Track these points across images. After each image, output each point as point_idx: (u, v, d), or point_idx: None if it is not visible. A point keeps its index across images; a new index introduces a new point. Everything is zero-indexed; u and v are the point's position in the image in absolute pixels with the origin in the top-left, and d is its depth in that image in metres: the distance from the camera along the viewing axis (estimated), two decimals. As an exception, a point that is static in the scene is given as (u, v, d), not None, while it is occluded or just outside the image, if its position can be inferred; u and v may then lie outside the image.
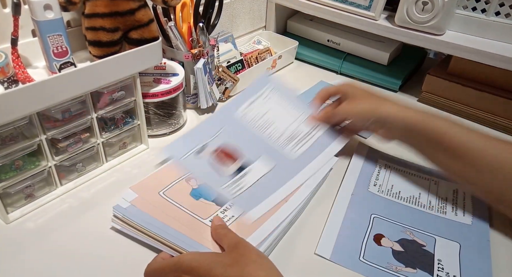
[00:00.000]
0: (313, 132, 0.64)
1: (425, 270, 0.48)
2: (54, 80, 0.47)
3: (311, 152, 0.61)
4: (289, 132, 0.63)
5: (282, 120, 0.64)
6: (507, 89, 0.75)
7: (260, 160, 0.58)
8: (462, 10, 0.75)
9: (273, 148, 0.61)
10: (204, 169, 0.57)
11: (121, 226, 0.50)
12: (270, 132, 0.63)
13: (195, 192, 0.54)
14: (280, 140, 0.62)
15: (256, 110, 0.65)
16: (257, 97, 0.66)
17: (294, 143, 0.62)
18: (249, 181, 0.56)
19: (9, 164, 0.49)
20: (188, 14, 0.69)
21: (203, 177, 0.55)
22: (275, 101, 0.66)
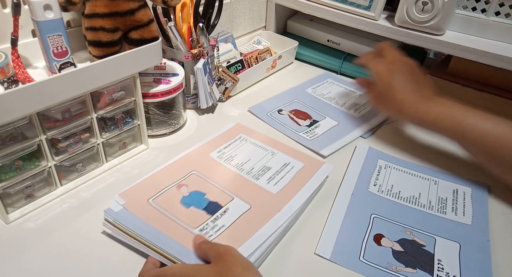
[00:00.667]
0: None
1: (425, 270, 0.48)
2: (54, 80, 0.47)
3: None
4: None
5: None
6: (507, 89, 0.75)
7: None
8: (462, 10, 0.75)
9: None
10: (286, 121, 0.70)
11: (112, 230, 0.49)
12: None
13: (185, 199, 0.53)
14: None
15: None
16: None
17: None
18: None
19: (9, 164, 0.49)
20: (188, 14, 0.69)
21: (285, 127, 0.66)
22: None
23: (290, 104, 0.80)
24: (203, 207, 0.52)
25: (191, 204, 0.52)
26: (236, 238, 0.48)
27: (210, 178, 0.57)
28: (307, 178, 0.58)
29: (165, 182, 0.55)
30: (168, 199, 0.53)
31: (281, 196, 0.55)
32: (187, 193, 0.54)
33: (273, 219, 0.51)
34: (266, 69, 0.88)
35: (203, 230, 0.49)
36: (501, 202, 0.59)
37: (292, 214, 0.52)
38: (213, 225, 0.50)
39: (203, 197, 0.54)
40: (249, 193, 0.55)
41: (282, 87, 0.85)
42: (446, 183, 0.62)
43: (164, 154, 0.64)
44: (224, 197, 0.54)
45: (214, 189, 0.55)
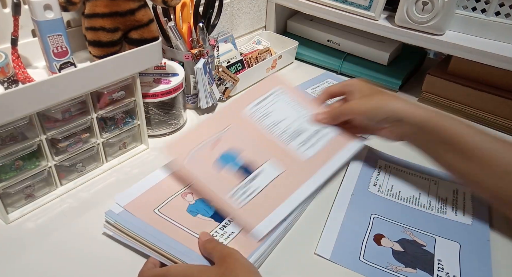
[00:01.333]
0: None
1: (425, 270, 0.48)
2: (54, 80, 0.47)
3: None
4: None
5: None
6: (507, 89, 0.75)
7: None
8: (462, 10, 0.75)
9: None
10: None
11: (113, 232, 0.49)
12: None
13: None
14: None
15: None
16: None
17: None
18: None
19: (9, 164, 0.49)
20: (188, 14, 0.69)
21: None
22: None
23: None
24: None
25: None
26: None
27: (243, 137, 0.58)
28: (339, 147, 0.60)
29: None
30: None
31: (311, 163, 0.56)
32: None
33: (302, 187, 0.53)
34: (266, 69, 0.88)
35: (234, 195, 0.51)
36: (501, 202, 0.59)
37: (321, 183, 0.54)
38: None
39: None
40: (280, 157, 0.57)
41: (282, 87, 0.85)
42: (446, 183, 0.62)
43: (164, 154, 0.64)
44: (256, 160, 0.55)
45: (246, 151, 0.57)
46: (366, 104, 0.57)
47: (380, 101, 0.56)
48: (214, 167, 0.53)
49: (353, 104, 0.59)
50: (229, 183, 0.52)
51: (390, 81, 0.87)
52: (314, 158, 0.57)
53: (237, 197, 0.50)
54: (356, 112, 0.58)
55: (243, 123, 0.60)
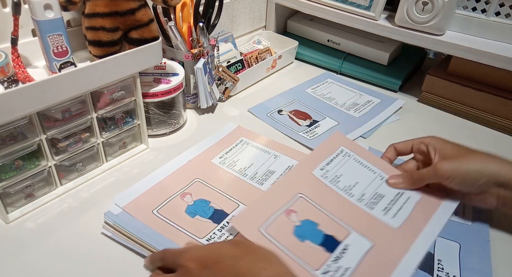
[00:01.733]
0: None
1: (425, 270, 0.48)
2: (54, 80, 0.47)
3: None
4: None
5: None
6: (507, 89, 0.75)
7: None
8: (462, 10, 0.75)
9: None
10: (286, 122, 0.64)
11: (112, 233, 0.49)
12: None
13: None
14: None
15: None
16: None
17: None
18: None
19: (9, 163, 0.49)
20: (188, 14, 0.69)
21: (285, 127, 0.58)
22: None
23: (290, 104, 0.80)
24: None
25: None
26: None
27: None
28: (430, 212, 0.51)
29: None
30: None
31: (404, 230, 0.49)
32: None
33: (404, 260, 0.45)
34: (266, 69, 0.88)
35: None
36: (501, 202, 0.59)
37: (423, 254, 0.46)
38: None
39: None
40: (367, 226, 0.49)
41: (282, 87, 0.85)
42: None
43: (164, 154, 0.64)
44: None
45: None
46: (461, 166, 0.49)
47: (477, 163, 0.49)
48: (295, 238, 0.45)
49: (443, 166, 0.49)
50: (317, 256, 0.44)
51: (390, 81, 0.87)
52: (407, 224, 0.49)
53: (329, 274, 0.42)
54: (447, 175, 0.49)
55: (314, 189, 0.52)
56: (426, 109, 0.82)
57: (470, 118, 0.79)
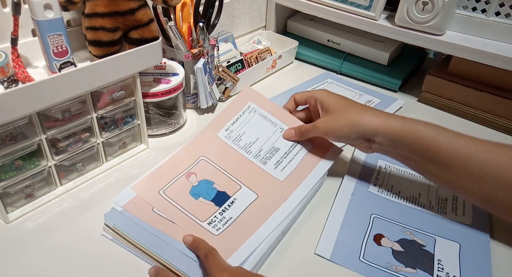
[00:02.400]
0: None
1: (425, 270, 0.48)
2: (54, 80, 0.47)
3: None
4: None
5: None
6: (507, 89, 0.75)
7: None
8: (462, 10, 0.75)
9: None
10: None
11: (112, 236, 0.49)
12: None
13: (194, 190, 0.53)
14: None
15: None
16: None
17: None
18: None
19: (9, 163, 0.49)
20: (188, 14, 0.69)
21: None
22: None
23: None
24: (211, 198, 0.53)
25: (199, 195, 0.53)
26: (241, 232, 0.49)
27: (218, 164, 0.57)
28: (315, 162, 0.58)
29: (175, 171, 0.55)
30: (178, 190, 0.53)
31: (287, 182, 0.55)
32: (196, 182, 0.54)
33: (279, 210, 0.51)
34: (266, 69, 0.88)
35: (211, 223, 0.50)
36: (501, 202, 0.59)
37: (297, 203, 0.52)
38: (221, 218, 0.50)
39: (211, 186, 0.54)
40: (256, 180, 0.55)
41: (282, 87, 0.85)
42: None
43: (164, 154, 0.64)
44: (232, 186, 0.54)
45: (222, 177, 0.56)
46: (335, 124, 0.55)
47: (351, 118, 0.54)
48: (190, 196, 0.52)
49: (321, 123, 0.56)
50: (206, 210, 0.51)
51: (390, 81, 0.87)
52: (291, 176, 0.56)
53: (215, 224, 0.49)
54: (325, 132, 0.55)
55: (216, 150, 0.58)
56: (426, 109, 0.82)
57: (470, 118, 0.79)
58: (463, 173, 0.49)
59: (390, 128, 0.52)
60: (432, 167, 0.51)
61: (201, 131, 0.61)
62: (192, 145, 0.59)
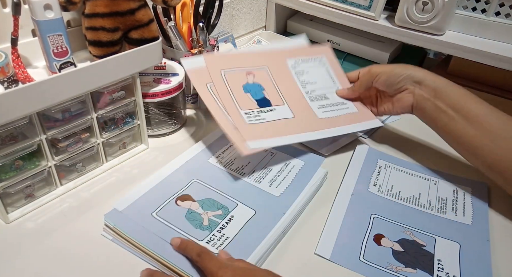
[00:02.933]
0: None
1: (425, 270, 0.48)
2: (54, 80, 0.47)
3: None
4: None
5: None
6: (507, 89, 0.75)
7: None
8: (462, 10, 0.75)
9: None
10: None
11: (112, 236, 0.49)
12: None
13: (247, 86, 0.61)
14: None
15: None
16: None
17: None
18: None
19: (9, 163, 0.49)
20: (188, 14, 0.69)
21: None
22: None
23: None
24: (257, 98, 0.61)
25: (249, 91, 0.61)
26: (271, 131, 0.58)
27: (275, 79, 0.65)
28: (354, 120, 0.65)
29: (241, 64, 0.63)
30: (236, 78, 0.62)
31: (323, 121, 0.63)
32: (252, 80, 0.62)
33: (308, 133, 0.59)
34: (266, 69, 0.88)
35: (247, 113, 0.59)
36: (501, 202, 0.59)
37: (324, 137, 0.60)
38: (257, 113, 0.59)
39: (261, 91, 0.62)
40: (298, 106, 0.63)
41: (282, 87, 0.85)
42: (446, 183, 0.62)
43: (164, 154, 0.64)
44: (277, 99, 0.63)
45: (273, 89, 0.63)
46: (387, 66, 0.63)
47: (400, 65, 0.62)
48: (241, 88, 0.61)
49: (374, 67, 0.64)
50: (248, 104, 0.60)
51: (390, 81, 0.87)
52: (328, 119, 0.63)
53: (249, 116, 0.58)
54: (378, 71, 0.63)
55: (279, 69, 0.66)
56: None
57: (470, 118, 0.79)
58: (489, 133, 0.54)
59: (436, 77, 0.60)
60: (462, 123, 0.56)
61: (273, 49, 0.70)
62: (263, 53, 0.67)
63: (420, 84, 0.60)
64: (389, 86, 0.63)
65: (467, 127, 0.56)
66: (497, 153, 0.54)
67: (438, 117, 0.59)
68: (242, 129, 0.57)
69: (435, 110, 0.59)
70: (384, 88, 0.64)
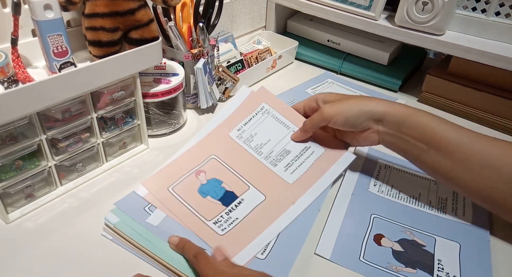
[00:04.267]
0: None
1: (425, 270, 0.48)
2: (54, 80, 0.47)
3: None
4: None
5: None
6: (507, 89, 0.75)
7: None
8: (462, 10, 0.75)
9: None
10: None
11: (112, 235, 0.49)
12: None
13: (202, 188, 0.54)
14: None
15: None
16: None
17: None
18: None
19: (9, 164, 0.49)
20: (188, 14, 0.69)
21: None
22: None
23: (290, 104, 0.79)
24: (219, 197, 0.53)
25: (207, 194, 0.53)
26: (247, 233, 0.49)
27: (228, 163, 0.57)
28: (326, 167, 0.58)
29: (185, 168, 0.56)
30: (187, 187, 0.53)
31: (297, 185, 0.55)
32: (205, 180, 0.54)
33: (286, 213, 0.51)
34: (266, 69, 0.88)
35: (217, 222, 0.50)
36: (501, 202, 0.59)
37: (305, 207, 0.52)
38: (227, 217, 0.50)
39: (220, 185, 0.54)
40: (265, 181, 0.55)
41: (282, 87, 0.85)
42: (446, 183, 0.62)
43: (164, 154, 0.64)
44: (240, 186, 0.55)
45: (231, 176, 0.56)
46: (343, 106, 0.55)
47: (358, 101, 0.55)
48: (199, 194, 0.53)
49: (327, 108, 0.56)
50: (213, 210, 0.52)
51: (390, 81, 0.87)
52: (300, 179, 0.56)
53: (220, 224, 0.50)
54: (331, 115, 0.55)
55: (226, 149, 0.58)
56: (426, 109, 0.82)
57: (470, 118, 0.79)
58: (465, 163, 0.50)
59: (397, 110, 0.53)
60: (435, 155, 0.51)
61: (213, 130, 0.61)
62: (203, 143, 0.59)
63: (381, 121, 0.54)
64: (350, 128, 0.56)
65: (441, 158, 0.51)
66: (476, 182, 0.49)
67: (409, 150, 0.54)
68: (223, 244, 0.48)
69: (404, 144, 0.54)
70: (344, 129, 0.57)
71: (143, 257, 0.47)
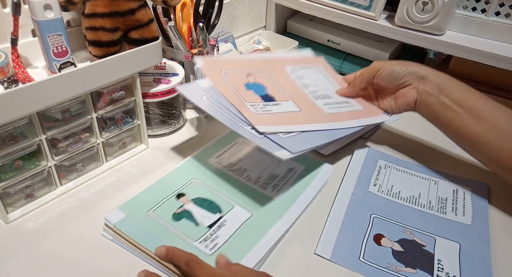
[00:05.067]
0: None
1: (425, 270, 0.48)
2: (54, 80, 0.47)
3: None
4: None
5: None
6: (507, 89, 0.75)
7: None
8: (462, 10, 0.75)
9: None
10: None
11: (112, 236, 0.49)
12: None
13: (248, 85, 0.60)
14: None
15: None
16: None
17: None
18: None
19: (9, 163, 0.49)
20: (188, 14, 0.69)
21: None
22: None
23: None
24: (260, 94, 0.60)
25: (252, 88, 0.61)
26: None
27: (277, 80, 0.64)
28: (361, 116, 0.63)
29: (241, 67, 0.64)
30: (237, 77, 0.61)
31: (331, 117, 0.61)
32: (253, 81, 0.62)
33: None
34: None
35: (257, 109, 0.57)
36: (501, 202, 0.59)
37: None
38: (264, 107, 0.57)
39: (263, 89, 0.61)
40: (302, 99, 0.62)
41: (282, 87, 0.85)
42: (446, 183, 0.62)
43: (164, 154, 0.64)
44: (281, 96, 0.61)
45: (275, 88, 0.62)
46: (389, 62, 0.62)
47: (402, 62, 0.61)
48: (244, 86, 0.60)
49: (376, 62, 0.63)
50: (253, 98, 0.59)
51: (390, 81, 0.87)
52: (336, 114, 0.62)
53: (255, 107, 0.57)
54: (380, 66, 0.61)
55: (279, 73, 0.65)
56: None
57: (470, 118, 0.79)
58: (499, 129, 0.53)
59: (439, 73, 0.59)
60: (468, 118, 0.55)
61: (274, 59, 0.69)
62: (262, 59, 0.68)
63: (423, 80, 0.59)
64: (392, 81, 0.61)
65: (473, 123, 0.54)
66: (505, 149, 0.52)
67: (443, 114, 0.57)
68: (250, 117, 0.55)
69: (440, 106, 0.57)
70: (385, 84, 0.62)
71: (143, 257, 0.47)
